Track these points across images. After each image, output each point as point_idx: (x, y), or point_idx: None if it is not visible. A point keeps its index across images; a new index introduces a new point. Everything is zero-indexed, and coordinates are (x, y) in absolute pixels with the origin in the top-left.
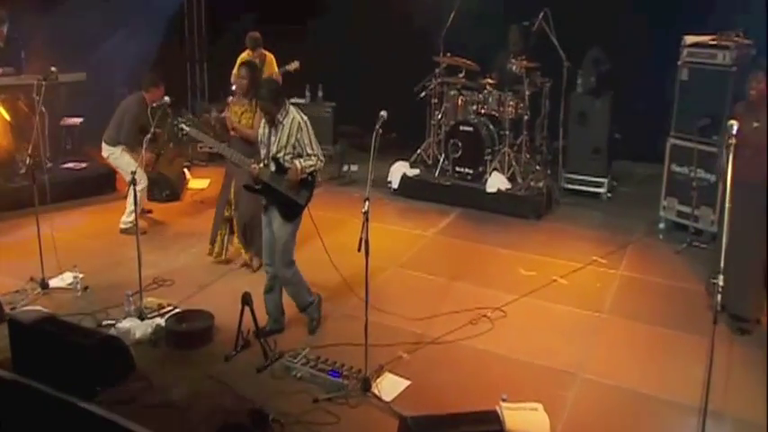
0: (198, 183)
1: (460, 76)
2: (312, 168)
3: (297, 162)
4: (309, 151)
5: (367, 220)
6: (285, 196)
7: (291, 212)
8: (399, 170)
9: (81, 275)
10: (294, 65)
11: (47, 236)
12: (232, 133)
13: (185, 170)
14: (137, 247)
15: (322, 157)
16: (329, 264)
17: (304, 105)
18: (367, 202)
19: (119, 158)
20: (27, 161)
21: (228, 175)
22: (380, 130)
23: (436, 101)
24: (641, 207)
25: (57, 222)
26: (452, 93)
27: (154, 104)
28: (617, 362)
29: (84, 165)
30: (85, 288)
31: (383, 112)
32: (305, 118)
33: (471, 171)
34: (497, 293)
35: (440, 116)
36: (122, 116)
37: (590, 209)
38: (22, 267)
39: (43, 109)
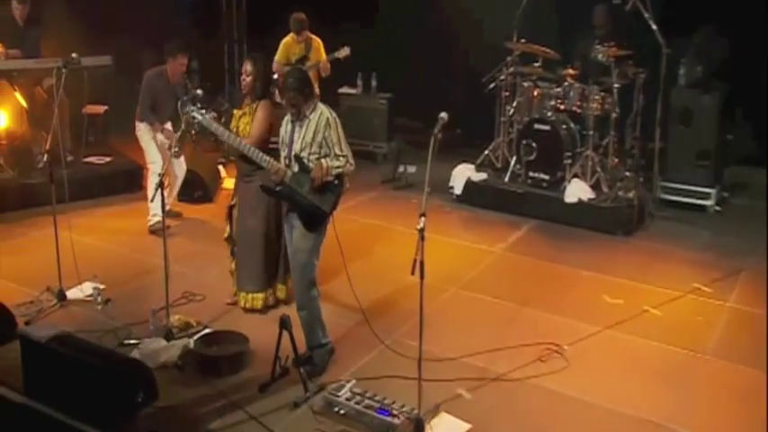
0: (234, 182)
1: (536, 65)
2: (340, 170)
3: (323, 160)
4: (338, 152)
5: (422, 239)
6: (307, 201)
7: (314, 221)
8: (463, 174)
9: (102, 286)
10: (344, 51)
11: (65, 239)
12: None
13: (220, 167)
14: (164, 256)
15: (352, 161)
16: (380, 279)
17: (355, 96)
18: (423, 219)
19: (142, 137)
20: (45, 157)
21: (234, 191)
22: (440, 135)
23: (507, 94)
24: (759, 224)
25: (76, 224)
26: (526, 85)
27: (185, 98)
28: (723, 415)
29: (107, 159)
30: (106, 301)
31: (443, 114)
32: (334, 114)
33: (548, 177)
34: (575, 324)
35: (511, 112)
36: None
37: (693, 225)
38: (38, 274)
39: (65, 97)
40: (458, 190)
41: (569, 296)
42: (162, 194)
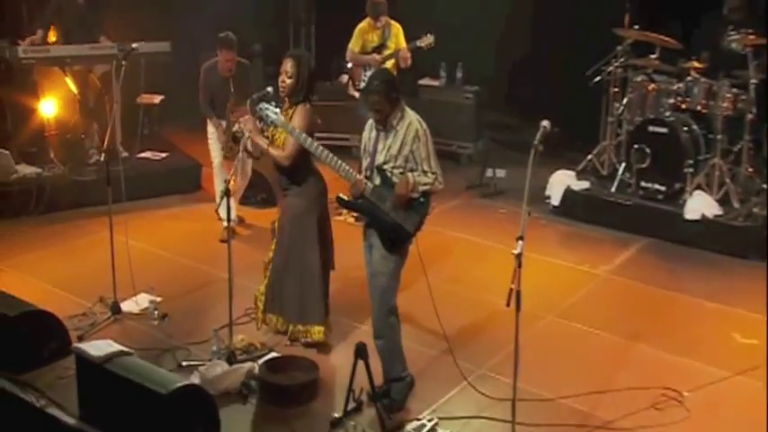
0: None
1: (653, 56)
2: (427, 188)
3: (409, 175)
4: (426, 168)
5: (519, 266)
6: (389, 219)
7: (395, 241)
8: (562, 181)
9: (158, 299)
10: (428, 40)
11: (120, 244)
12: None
13: None
14: (228, 270)
15: (441, 179)
16: (466, 302)
17: (438, 89)
18: (520, 243)
19: (207, 131)
20: (102, 156)
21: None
22: (541, 147)
23: (617, 89)
24: None
25: (131, 227)
26: (640, 79)
27: (255, 96)
28: None
29: (163, 155)
30: (163, 316)
31: (545, 123)
32: (425, 126)
33: (664, 188)
34: (698, 366)
35: (621, 110)
36: None
37: None
38: (90, 283)
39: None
40: (555, 200)
41: (690, 332)
42: (228, 202)
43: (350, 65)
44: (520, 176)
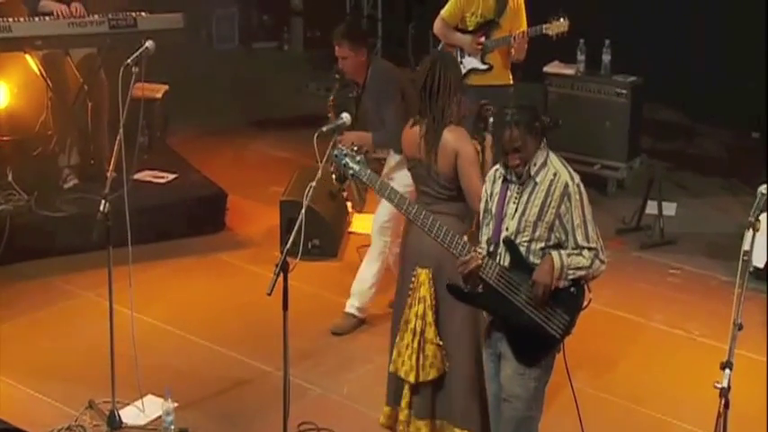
0: (367, 223)
1: None
2: (582, 273)
3: (555, 255)
4: (580, 241)
5: (726, 407)
6: (525, 317)
7: (535, 350)
8: None
9: (174, 405)
10: (560, 26)
11: (119, 320)
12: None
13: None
14: (284, 370)
15: (603, 256)
16: (631, 422)
17: (573, 79)
18: (727, 373)
19: None
20: (104, 203)
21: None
22: (759, 224)
23: None
24: None
25: (126, 290)
26: None
27: (324, 128)
28: None
29: (170, 176)
30: None
31: (764, 189)
32: (577, 179)
33: None
34: None
35: None
36: None
37: None
38: (74, 378)
39: (103, 78)
40: (759, 259)
41: None
42: (285, 279)
43: (442, 45)
44: (699, 214)
